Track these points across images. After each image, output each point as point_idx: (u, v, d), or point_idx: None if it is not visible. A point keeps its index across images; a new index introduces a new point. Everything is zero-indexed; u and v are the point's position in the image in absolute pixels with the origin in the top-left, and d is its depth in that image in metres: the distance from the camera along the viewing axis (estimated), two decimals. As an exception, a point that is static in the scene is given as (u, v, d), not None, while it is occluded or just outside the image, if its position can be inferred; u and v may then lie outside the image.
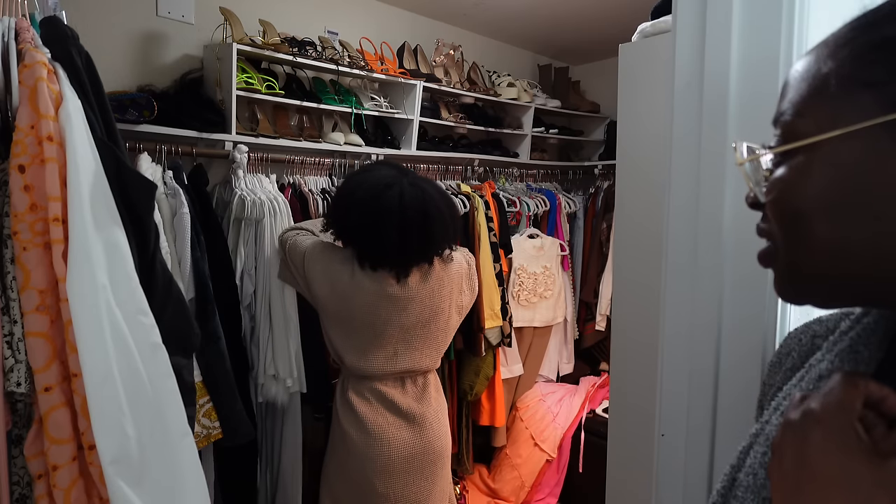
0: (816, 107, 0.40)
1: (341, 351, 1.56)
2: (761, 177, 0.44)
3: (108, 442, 0.86)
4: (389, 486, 1.52)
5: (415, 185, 1.48)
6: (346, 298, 1.52)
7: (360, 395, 1.56)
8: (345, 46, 2.23)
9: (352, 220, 1.49)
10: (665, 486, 0.86)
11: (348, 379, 1.60)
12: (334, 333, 1.57)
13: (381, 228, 1.44)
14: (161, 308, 1.05)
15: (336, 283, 1.52)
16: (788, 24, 0.73)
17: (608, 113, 3.23)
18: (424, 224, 1.47)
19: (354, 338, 1.54)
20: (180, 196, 1.53)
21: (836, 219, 0.38)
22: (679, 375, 0.84)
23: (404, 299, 1.53)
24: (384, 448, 1.51)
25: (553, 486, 2.50)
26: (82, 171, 0.89)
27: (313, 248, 1.57)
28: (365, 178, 1.51)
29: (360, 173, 1.57)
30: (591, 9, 2.57)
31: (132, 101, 1.60)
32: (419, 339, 1.58)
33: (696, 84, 0.80)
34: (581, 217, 3.02)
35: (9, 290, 0.89)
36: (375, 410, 1.54)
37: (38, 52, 0.92)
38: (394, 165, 1.61)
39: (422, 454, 1.56)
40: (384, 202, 1.44)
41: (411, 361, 1.58)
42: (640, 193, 1.41)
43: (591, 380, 2.83)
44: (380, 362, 1.55)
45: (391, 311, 1.53)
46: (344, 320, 1.54)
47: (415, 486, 1.56)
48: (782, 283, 0.44)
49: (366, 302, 1.51)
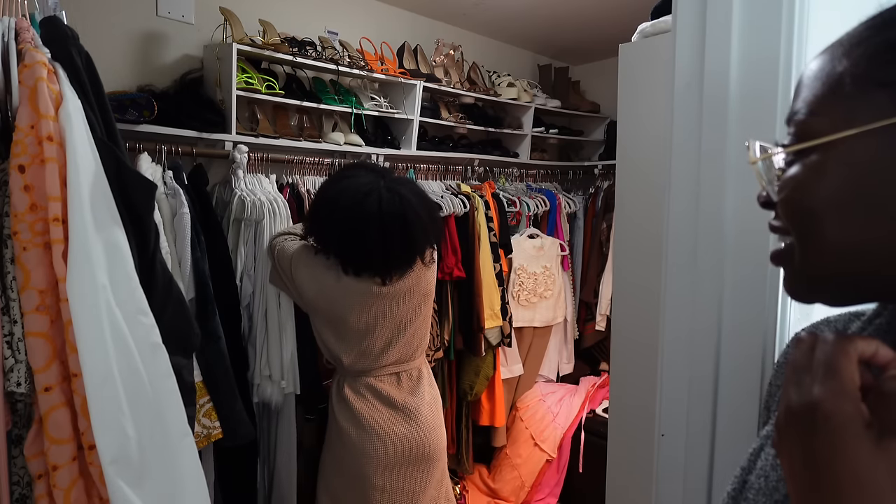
0: (831, 105, 0.40)
1: (336, 350, 1.58)
2: (774, 175, 0.44)
3: (108, 442, 0.86)
4: (386, 479, 1.55)
5: (392, 189, 1.48)
6: (335, 300, 1.54)
7: (356, 392, 1.58)
8: (345, 46, 2.23)
9: (332, 232, 1.50)
10: (665, 486, 0.86)
11: (344, 377, 1.62)
12: (327, 334, 1.59)
13: (361, 238, 1.45)
14: (161, 308, 1.05)
15: (324, 287, 1.54)
16: (788, 24, 0.73)
17: (608, 113, 3.23)
18: (404, 230, 1.47)
19: (348, 337, 1.57)
20: (180, 196, 1.53)
21: (850, 218, 0.38)
22: (679, 375, 0.84)
23: (392, 296, 1.57)
24: (381, 443, 1.54)
25: (553, 486, 2.50)
26: (82, 171, 0.89)
27: (299, 253, 1.58)
28: (343, 186, 1.50)
29: (337, 181, 1.55)
30: (591, 9, 2.57)
31: (132, 101, 1.60)
32: (409, 331, 1.62)
33: (696, 84, 0.80)
34: (581, 217, 3.02)
35: (9, 290, 0.89)
36: (371, 406, 1.57)
37: (38, 52, 0.92)
38: (370, 168, 1.60)
39: (417, 447, 1.58)
40: (363, 213, 1.44)
41: (404, 354, 1.62)
42: (640, 193, 1.41)
43: (591, 380, 2.83)
44: (374, 357, 1.58)
45: (381, 307, 1.56)
46: (335, 321, 1.56)
47: (411, 478, 1.59)
48: (793, 282, 0.43)
49: (355, 301, 1.53)
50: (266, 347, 1.72)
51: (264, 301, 1.72)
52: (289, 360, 1.73)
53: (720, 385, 0.80)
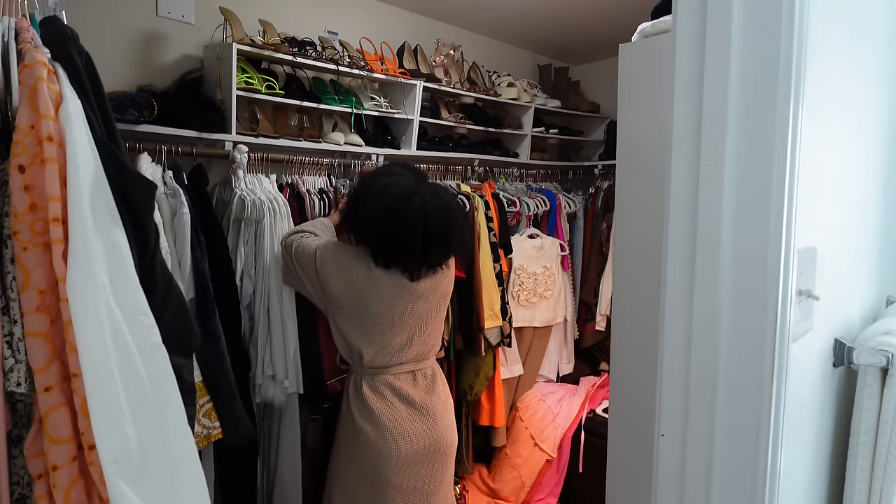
0: None
1: (358, 344, 1.60)
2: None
3: (108, 442, 0.86)
4: (404, 479, 1.57)
5: (435, 194, 1.54)
6: (364, 293, 1.56)
7: (374, 391, 1.60)
8: (345, 46, 2.23)
9: (375, 224, 1.54)
10: (665, 486, 0.86)
11: (362, 376, 1.63)
12: (349, 328, 1.60)
13: (404, 236, 1.50)
14: (161, 308, 1.05)
15: (353, 279, 1.56)
16: (788, 23, 0.73)
17: (608, 113, 3.23)
18: (445, 234, 1.54)
19: (372, 330, 1.59)
20: (180, 196, 1.53)
21: None
22: (679, 375, 0.84)
23: (418, 293, 1.60)
24: (400, 441, 1.56)
25: (553, 486, 2.50)
26: (82, 171, 0.89)
27: (325, 247, 1.61)
28: (389, 182, 1.55)
29: (382, 176, 1.60)
30: (591, 9, 2.57)
31: (132, 101, 1.60)
32: (428, 329, 1.66)
33: (696, 84, 0.80)
34: (581, 217, 3.02)
35: (9, 290, 0.89)
36: (390, 405, 1.59)
37: (38, 52, 0.92)
38: (411, 169, 1.66)
39: (434, 445, 1.61)
40: (408, 211, 1.49)
41: (420, 352, 1.65)
42: (640, 193, 1.41)
43: (591, 380, 2.83)
44: (394, 353, 1.61)
45: (407, 303, 1.59)
46: (362, 313, 1.58)
47: (427, 476, 1.61)
48: None
49: (385, 293, 1.57)
50: (269, 347, 1.72)
51: (266, 300, 1.72)
52: (292, 360, 1.73)
53: (720, 384, 0.80)
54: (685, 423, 0.83)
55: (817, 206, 0.87)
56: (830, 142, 0.90)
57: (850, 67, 0.95)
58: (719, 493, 0.81)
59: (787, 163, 0.74)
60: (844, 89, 0.94)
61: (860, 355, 0.96)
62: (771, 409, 0.77)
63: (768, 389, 0.76)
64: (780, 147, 0.74)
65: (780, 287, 0.76)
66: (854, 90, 0.99)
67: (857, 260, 1.08)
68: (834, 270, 0.94)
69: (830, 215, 0.94)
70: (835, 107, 0.90)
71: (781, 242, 0.75)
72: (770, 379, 0.76)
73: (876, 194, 1.13)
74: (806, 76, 0.74)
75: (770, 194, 0.75)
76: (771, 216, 0.75)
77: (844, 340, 0.98)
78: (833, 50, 0.87)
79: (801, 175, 0.76)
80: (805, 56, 0.74)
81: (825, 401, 0.99)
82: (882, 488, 0.96)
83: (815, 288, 0.85)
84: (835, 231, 0.96)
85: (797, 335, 0.82)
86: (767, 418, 0.77)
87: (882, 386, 0.97)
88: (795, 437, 0.86)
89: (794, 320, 0.79)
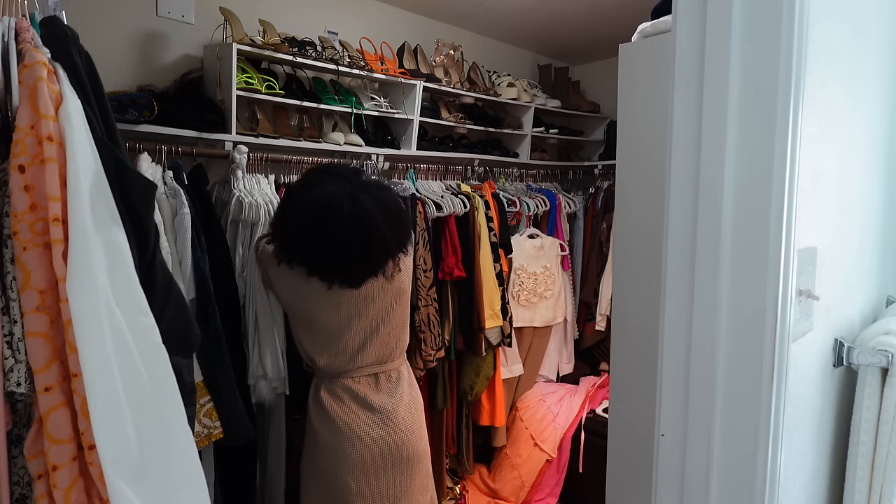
0: None
1: (311, 351, 1.56)
2: None
3: (108, 442, 0.86)
4: (365, 484, 1.52)
5: (355, 200, 1.41)
6: (307, 300, 1.52)
7: (333, 395, 1.55)
8: (345, 46, 2.23)
9: (296, 242, 1.46)
10: (665, 486, 0.86)
11: (321, 379, 1.59)
12: (302, 335, 1.58)
13: (322, 253, 1.43)
14: (161, 308, 1.05)
15: (295, 286, 1.53)
16: (788, 23, 0.73)
17: (608, 113, 3.23)
18: (364, 246, 1.43)
19: (321, 337, 1.54)
20: (181, 196, 1.53)
21: None
22: (679, 375, 0.84)
23: (363, 296, 1.54)
24: (356, 446, 1.51)
25: (553, 486, 2.50)
26: (82, 171, 0.89)
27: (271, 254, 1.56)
28: (305, 197, 1.45)
29: (302, 189, 1.50)
30: (591, 9, 2.57)
31: (132, 101, 1.60)
32: (384, 331, 1.59)
33: (696, 84, 0.80)
34: (581, 217, 3.02)
35: (9, 290, 0.89)
36: (347, 409, 1.54)
37: (38, 52, 0.92)
38: (338, 174, 1.51)
39: (395, 449, 1.55)
40: (322, 227, 1.40)
41: (381, 354, 1.59)
42: (639, 193, 1.41)
43: (591, 380, 2.83)
44: (349, 358, 1.55)
45: (353, 307, 1.53)
46: (309, 320, 1.55)
47: (390, 482, 1.55)
48: None
49: (326, 301, 1.51)
50: (257, 348, 1.72)
51: (253, 303, 1.72)
52: (280, 360, 1.72)
53: (720, 384, 0.80)
54: (685, 423, 0.83)
55: (817, 206, 0.87)
56: (830, 141, 0.90)
57: (850, 67, 0.95)
58: (719, 493, 0.81)
59: (787, 163, 0.74)
60: (845, 89, 0.94)
61: (860, 355, 0.96)
62: (771, 409, 0.77)
63: (768, 389, 0.76)
64: (780, 147, 0.74)
65: (780, 287, 0.76)
66: (854, 89, 0.99)
67: (857, 260, 1.08)
68: (834, 270, 0.94)
69: (830, 215, 0.94)
70: (835, 106, 0.90)
71: (781, 242, 0.75)
72: (770, 379, 0.76)
73: (876, 194, 1.13)
74: (806, 76, 0.74)
75: (770, 194, 0.75)
76: (771, 216, 0.75)
77: (844, 340, 0.98)
78: (833, 50, 0.87)
79: (801, 175, 0.76)
80: (805, 56, 0.74)
81: (825, 401, 0.99)
82: (882, 488, 0.96)
83: (815, 288, 0.85)
84: (835, 231, 0.96)
85: (797, 335, 0.82)
86: (767, 418, 0.77)
87: (882, 386, 0.97)
88: (795, 438, 0.86)
89: (794, 320, 0.79)
